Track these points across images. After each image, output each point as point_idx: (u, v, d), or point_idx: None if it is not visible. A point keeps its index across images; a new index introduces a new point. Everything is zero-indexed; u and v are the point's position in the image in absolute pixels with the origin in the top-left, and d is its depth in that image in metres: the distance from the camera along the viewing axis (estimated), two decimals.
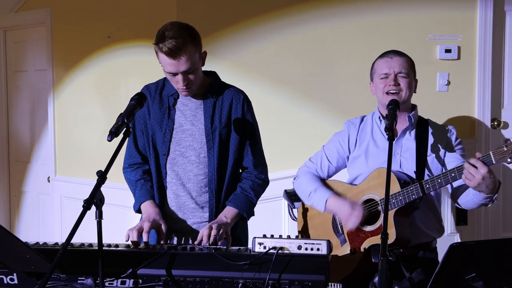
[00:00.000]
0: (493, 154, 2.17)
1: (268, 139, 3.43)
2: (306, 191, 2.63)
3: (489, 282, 1.70)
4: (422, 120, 2.59)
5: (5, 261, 1.90)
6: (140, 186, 2.38)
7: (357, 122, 2.67)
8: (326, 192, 2.56)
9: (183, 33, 2.16)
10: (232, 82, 2.49)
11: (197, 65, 2.23)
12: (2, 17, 4.55)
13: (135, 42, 3.67)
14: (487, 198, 2.31)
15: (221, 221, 2.23)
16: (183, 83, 2.21)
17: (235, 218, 2.30)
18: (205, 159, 2.32)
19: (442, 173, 2.30)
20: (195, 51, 2.20)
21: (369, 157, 2.57)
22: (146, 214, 2.27)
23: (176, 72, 2.19)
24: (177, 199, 2.36)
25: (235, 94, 2.37)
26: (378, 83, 2.55)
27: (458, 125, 2.72)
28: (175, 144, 2.34)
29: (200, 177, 2.33)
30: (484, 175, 2.15)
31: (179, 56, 2.15)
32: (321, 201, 2.55)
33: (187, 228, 2.36)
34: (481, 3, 3.51)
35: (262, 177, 2.41)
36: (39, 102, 4.50)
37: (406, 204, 2.35)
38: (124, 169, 2.46)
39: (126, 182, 2.45)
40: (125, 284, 1.89)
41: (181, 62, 2.16)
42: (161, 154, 2.35)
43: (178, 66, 2.17)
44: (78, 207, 1.73)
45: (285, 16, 3.52)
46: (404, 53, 2.57)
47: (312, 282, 1.81)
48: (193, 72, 2.21)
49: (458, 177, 2.25)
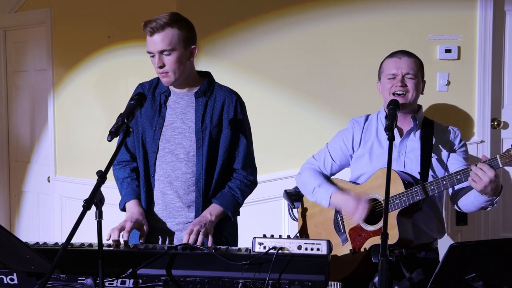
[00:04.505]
0: (500, 158, 2.19)
1: (268, 139, 3.45)
2: (310, 186, 2.63)
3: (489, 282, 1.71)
4: (427, 121, 2.59)
5: (5, 261, 1.90)
6: (126, 184, 2.38)
7: (362, 121, 2.66)
8: (330, 187, 2.56)
9: (172, 17, 2.22)
10: (232, 82, 2.49)
11: (177, 51, 2.23)
12: (2, 17, 4.55)
13: (135, 42, 3.67)
14: (489, 201, 2.31)
15: (205, 220, 2.22)
16: (158, 63, 2.23)
17: (220, 216, 2.30)
18: (194, 157, 2.32)
19: (447, 175, 2.30)
20: (178, 35, 2.22)
21: (373, 156, 2.57)
22: (129, 214, 2.29)
23: (153, 52, 2.22)
24: (163, 198, 2.35)
25: (228, 95, 2.36)
26: (385, 83, 2.54)
27: (458, 125, 2.72)
28: (165, 142, 2.33)
29: (188, 176, 2.32)
30: (491, 178, 2.17)
31: (156, 33, 2.20)
32: (326, 196, 2.55)
33: (173, 228, 2.36)
34: (481, 3, 3.51)
35: (250, 179, 2.40)
36: (39, 102, 4.50)
37: (410, 205, 2.35)
38: (113, 166, 2.45)
39: (114, 179, 2.45)
40: (125, 284, 1.89)
41: (158, 39, 2.20)
42: (151, 151, 2.35)
43: (155, 44, 2.21)
44: (78, 207, 1.73)
45: (285, 16, 3.52)
46: (413, 54, 2.56)
47: (312, 282, 1.81)
48: (170, 55, 2.22)
49: (464, 179, 2.25)
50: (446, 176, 2.30)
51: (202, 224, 2.20)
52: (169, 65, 2.23)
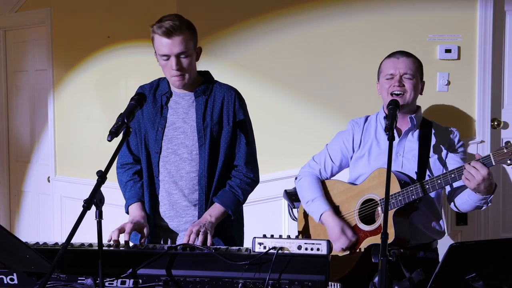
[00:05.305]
0: (493, 155, 2.18)
1: (268, 139, 3.45)
2: (305, 198, 2.64)
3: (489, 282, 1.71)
4: (426, 121, 2.59)
5: (5, 261, 1.90)
6: (129, 187, 2.40)
7: (361, 122, 2.66)
8: (323, 205, 2.55)
9: (181, 19, 2.24)
10: (232, 82, 2.49)
11: (191, 53, 2.26)
12: (2, 17, 4.55)
13: (135, 42, 3.67)
14: (483, 200, 2.31)
15: (204, 221, 2.24)
16: (176, 66, 2.23)
17: (221, 216, 2.30)
18: (197, 156, 2.33)
19: (442, 174, 2.30)
20: (191, 38, 2.24)
21: (371, 157, 2.57)
22: (131, 217, 2.31)
23: (169, 54, 2.21)
24: (169, 197, 2.36)
25: (227, 91, 2.38)
26: (383, 83, 2.54)
27: (458, 125, 2.73)
28: (167, 142, 2.35)
29: (192, 175, 2.34)
30: (484, 176, 2.16)
31: (174, 36, 2.19)
32: (317, 213, 2.56)
33: (180, 227, 2.37)
34: (481, 3, 3.51)
35: (250, 176, 2.40)
36: (39, 102, 4.50)
37: (406, 204, 2.35)
38: (117, 168, 2.48)
39: (118, 183, 2.47)
40: (125, 284, 1.89)
41: (176, 42, 2.20)
42: (154, 152, 2.36)
43: (172, 47, 2.20)
44: (78, 207, 1.73)
45: (285, 16, 3.52)
46: (411, 54, 2.56)
47: (312, 282, 1.81)
48: (187, 57, 2.23)
49: (458, 178, 2.25)
50: (440, 175, 2.30)
51: (202, 224, 2.21)
52: (186, 67, 2.25)
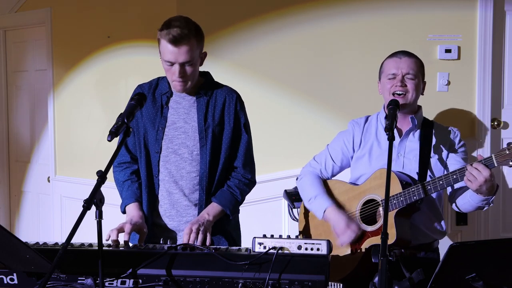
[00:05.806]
0: (495, 157, 2.18)
1: (269, 139, 3.45)
2: (307, 195, 2.63)
3: (489, 282, 1.71)
4: (427, 121, 2.59)
5: (5, 261, 1.90)
6: (126, 187, 2.40)
7: (362, 122, 2.66)
8: (326, 201, 2.55)
9: (190, 26, 2.22)
10: (232, 82, 2.50)
11: (196, 61, 2.26)
12: (2, 17, 4.55)
13: (135, 42, 3.67)
14: (484, 201, 2.31)
15: (203, 219, 2.24)
16: (179, 74, 2.23)
17: (218, 215, 2.31)
18: (197, 156, 2.34)
19: (444, 175, 2.30)
20: (197, 47, 2.24)
21: (372, 157, 2.57)
22: (129, 217, 2.31)
23: (174, 62, 2.21)
24: (170, 197, 2.37)
25: (228, 93, 2.39)
26: (385, 83, 2.54)
27: (458, 125, 2.72)
28: (168, 142, 2.35)
29: (193, 175, 2.35)
30: (487, 177, 2.16)
31: (181, 45, 2.18)
32: (320, 210, 2.54)
33: (181, 226, 2.37)
34: (481, 3, 3.51)
35: (248, 177, 2.41)
36: (39, 102, 4.50)
37: (407, 205, 2.35)
38: (114, 167, 2.47)
39: (114, 181, 2.46)
40: (125, 284, 1.89)
41: (182, 51, 2.19)
42: (154, 152, 2.36)
43: (177, 55, 2.20)
44: (78, 207, 1.73)
45: (285, 16, 3.52)
46: (414, 54, 2.56)
47: (312, 282, 1.81)
48: (191, 66, 2.23)
49: (460, 179, 2.25)
50: (442, 176, 2.30)
51: (201, 223, 2.21)
52: (189, 74, 2.25)
